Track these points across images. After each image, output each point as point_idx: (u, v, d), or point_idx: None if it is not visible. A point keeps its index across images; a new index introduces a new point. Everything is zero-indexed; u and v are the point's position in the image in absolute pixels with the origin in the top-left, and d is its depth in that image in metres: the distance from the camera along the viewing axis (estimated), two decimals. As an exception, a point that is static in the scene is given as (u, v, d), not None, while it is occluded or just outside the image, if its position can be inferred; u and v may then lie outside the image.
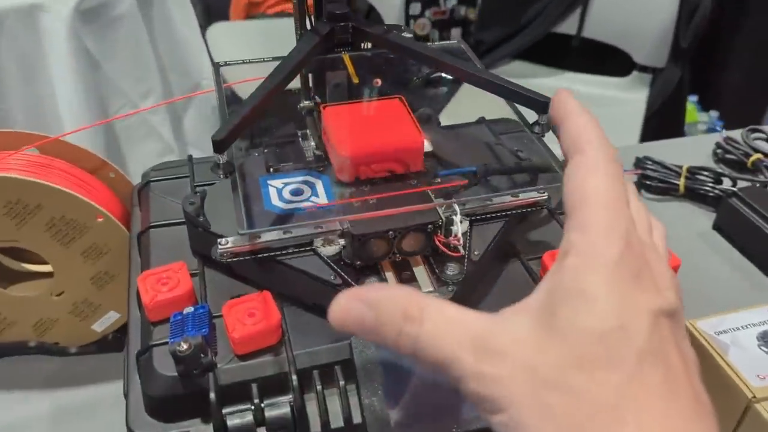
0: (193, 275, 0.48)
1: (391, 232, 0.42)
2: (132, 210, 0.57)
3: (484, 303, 0.46)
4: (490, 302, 0.46)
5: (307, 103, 0.58)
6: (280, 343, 0.43)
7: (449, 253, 0.43)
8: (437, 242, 0.43)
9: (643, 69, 1.60)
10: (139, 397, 0.42)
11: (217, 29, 1.88)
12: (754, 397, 0.53)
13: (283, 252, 0.45)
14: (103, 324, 0.61)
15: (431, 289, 0.43)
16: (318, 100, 0.58)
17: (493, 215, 0.48)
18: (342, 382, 0.42)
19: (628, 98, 1.61)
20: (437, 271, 0.44)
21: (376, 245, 0.42)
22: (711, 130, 1.78)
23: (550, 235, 0.52)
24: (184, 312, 0.43)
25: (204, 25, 1.80)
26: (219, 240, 0.44)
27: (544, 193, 0.47)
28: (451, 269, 0.44)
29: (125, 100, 1.27)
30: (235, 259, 0.44)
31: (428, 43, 0.57)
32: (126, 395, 0.43)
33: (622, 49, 1.60)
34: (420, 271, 0.45)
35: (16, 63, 1.10)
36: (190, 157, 0.59)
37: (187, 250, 0.50)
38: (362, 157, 0.44)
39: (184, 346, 0.39)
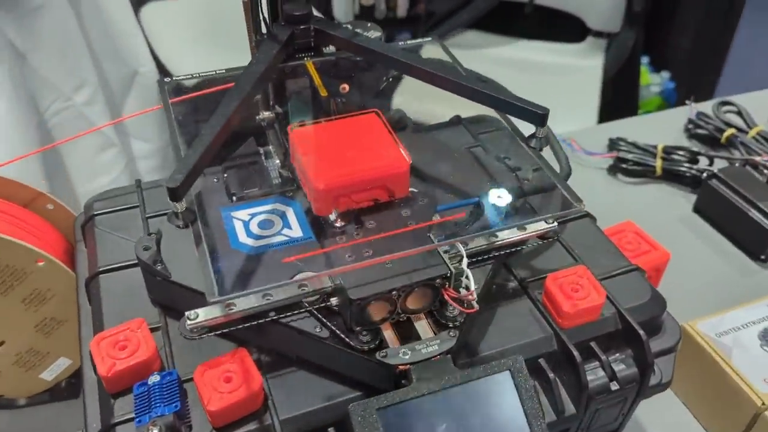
0: (154, 330, 0.42)
1: (394, 292, 0.37)
2: (76, 246, 0.51)
3: (488, 337, 0.42)
4: (494, 335, 0.42)
5: (266, 114, 0.52)
6: (263, 407, 0.38)
7: (462, 309, 0.38)
8: (447, 298, 0.38)
9: (598, 34, 1.57)
10: (104, 485, 0.37)
11: (151, 9, 1.76)
12: (764, 404, 0.50)
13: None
14: (54, 372, 0.55)
15: (432, 335, 0.39)
16: (279, 110, 0.52)
17: (498, 252, 0.43)
18: (339, 446, 0.37)
19: (584, 65, 1.58)
20: (435, 313, 0.39)
21: (377, 309, 0.37)
22: (665, 92, 1.77)
23: (548, 254, 0.47)
24: (149, 382, 0.37)
25: (137, 7, 1.68)
26: (187, 314, 0.37)
27: (552, 222, 0.42)
28: (451, 310, 0.39)
29: (57, 94, 1.17)
30: (210, 334, 0.38)
31: (399, 43, 0.52)
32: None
33: (575, 15, 1.56)
34: (419, 316, 0.40)
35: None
36: (138, 182, 0.52)
37: (146, 298, 0.44)
38: (341, 188, 0.39)
39: (155, 431, 0.34)
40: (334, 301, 0.38)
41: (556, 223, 0.42)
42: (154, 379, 0.37)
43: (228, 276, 0.37)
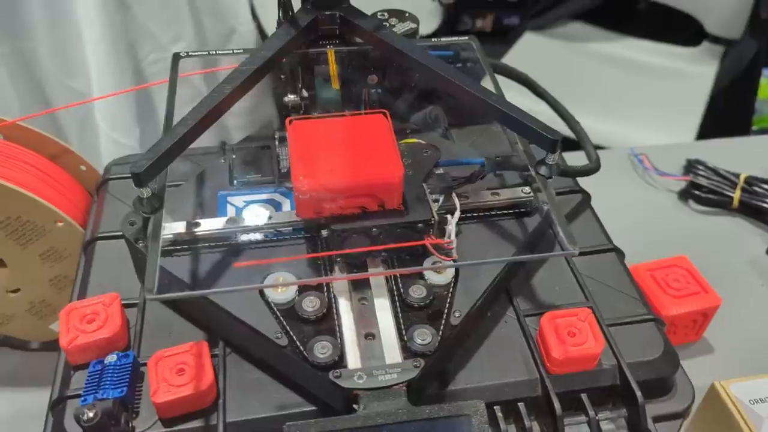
0: (131, 306, 0.41)
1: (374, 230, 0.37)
2: (91, 210, 0.51)
3: (467, 370, 0.38)
4: (475, 369, 0.39)
5: (292, 98, 0.50)
6: (213, 406, 0.36)
7: (440, 257, 0.38)
8: (428, 244, 0.38)
9: (715, 40, 1.44)
10: (50, 455, 0.37)
11: (257, -30, 1.78)
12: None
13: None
14: (62, 325, 0.56)
15: (399, 360, 0.36)
16: (305, 95, 0.50)
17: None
18: (280, 460, 0.35)
19: (695, 71, 1.45)
20: (405, 337, 0.37)
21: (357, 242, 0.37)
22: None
23: (558, 287, 0.43)
24: (105, 361, 0.37)
25: (242, -35, 1.69)
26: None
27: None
28: (421, 337, 0.36)
29: (155, 44, 1.21)
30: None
31: (434, 39, 0.48)
32: (39, 448, 0.38)
33: (693, 16, 1.44)
34: (388, 334, 0.37)
35: (42, 1, 1.04)
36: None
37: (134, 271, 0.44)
38: (324, 191, 0.36)
39: (89, 414, 0.33)
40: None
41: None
42: (111, 359, 0.37)
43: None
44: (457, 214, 0.40)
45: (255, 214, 0.41)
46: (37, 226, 0.50)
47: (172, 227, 0.39)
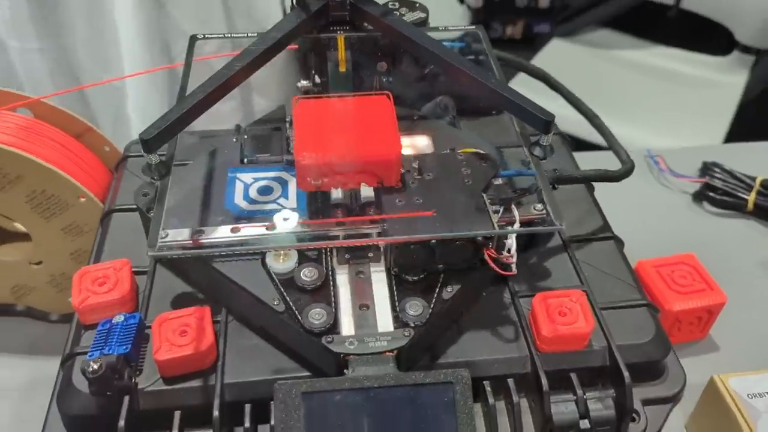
0: (141, 273, 0.43)
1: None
2: (110, 187, 0.53)
3: (459, 345, 0.40)
4: (467, 343, 0.40)
5: (305, 83, 0.52)
6: (212, 367, 0.38)
7: (499, 271, 0.39)
8: (487, 257, 0.38)
9: (746, 49, 1.42)
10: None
11: (290, -27, 1.81)
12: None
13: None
14: (81, 298, 0.59)
15: (390, 329, 0.37)
16: (318, 80, 0.52)
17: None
18: (273, 422, 0.36)
19: (724, 80, 1.44)
20: (397, 307, 0.38)
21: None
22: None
23: (555, 271, 0.44)
24: (113, 321, 0.39)
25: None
26: (160, 232, 0.38)
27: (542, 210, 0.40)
28: (414, 308, 0.38)
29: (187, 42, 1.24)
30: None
31: (441, 27, 0.50)
32: (49, 402, 0.40)
33: (723, 25, 1.43)
34: (382, 305, 0.38)
35: (81, -2, 1.08)
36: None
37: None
38: (322, 166, 0.38)
39: (94, 366, 0.35)
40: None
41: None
42: (118, 319, 0.39)
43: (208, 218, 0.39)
44: (517, 225, 0.40)
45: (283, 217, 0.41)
46: (60, 201, 0.53)
47: (176, 234, 0.40)
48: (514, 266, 0.39)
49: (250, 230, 0.39)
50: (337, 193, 0.40)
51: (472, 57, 0.53)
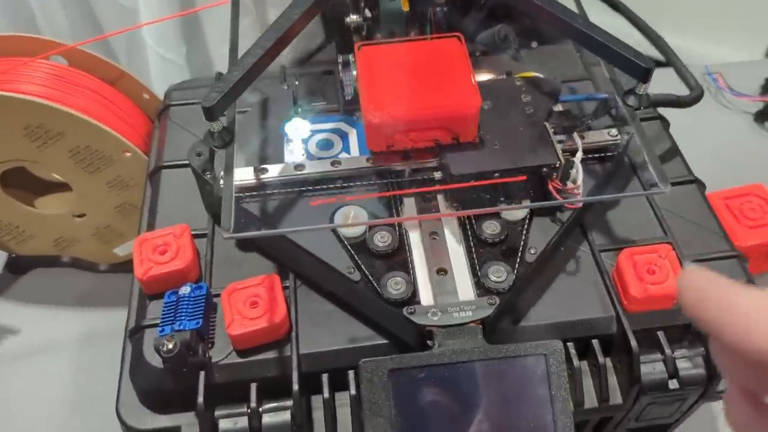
0: (200, 236, 0.41)
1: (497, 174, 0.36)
2: (152, 137, 0.51)
3: (540, 306, 0.38)
4: (548, 305, 0.38)
5: (354, 18, 0.47)
6: (286, 338, 0.37)
7: (567, 205, 0.38)
8: (552, 189, 0.37)
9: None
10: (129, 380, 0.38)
11: None
12: None
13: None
14: (126, 249, 0.57)
15: (471, 297, 0.35)
16: (368, 14, 0.48)
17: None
18: (354, 392, 0.35)
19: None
20: (478, 272, 0.36)
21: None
22: None
23: (635, 221, 0.41)
24: (180, 293, 0.37)
25: None
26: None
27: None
28: (496, 274, 0.35)
29: None
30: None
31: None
32: (120, 373, 0.39)
33: None
34: (461, 270, 0.36)
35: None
36: (218, 75, 0.51)
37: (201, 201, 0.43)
38: (395, 124, 0.35)
39: (169, 346, 0.34)
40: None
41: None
42: (185, 290, 0.37)
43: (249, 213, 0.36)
44: (579, 155, 0.38)
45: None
46: (105, 156, 0.51)
47: (240, 174, 0.38)
48: (580, 195, 0.37)
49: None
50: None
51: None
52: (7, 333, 0.58)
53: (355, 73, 0.45)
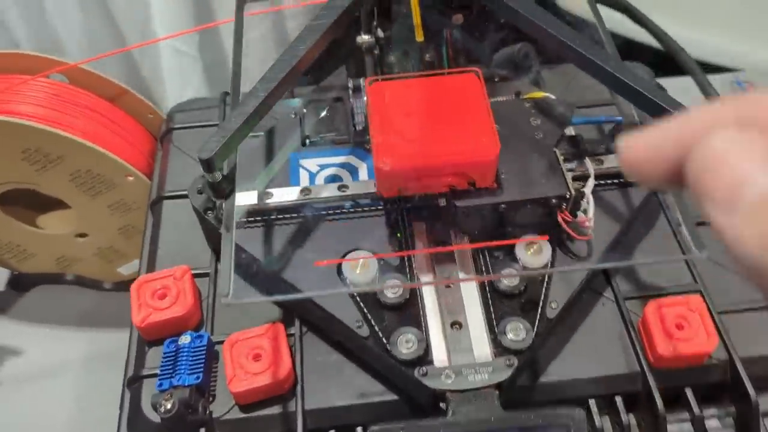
0: (202, 276, 0.39)
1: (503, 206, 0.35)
2: (155, 160, 0.48)
3: (559, 360, 0.35)
4: (568, 360, 0.35)
5: (366, 38, 0.45)
6: (291, 392, 0.35)
7: (576, 236, 0.35)
8: (561, 221, 0.34)
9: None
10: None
11: None
12: None
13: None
14: (130, 269, 0.55)
15: (488, 357, 0.33)
16: (381, 34, 0.45)
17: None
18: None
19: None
20: (496, 330, 0.34)
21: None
22: None
23: (663, 267, 0.39)
24: (180, 342, 0.35)
25: None
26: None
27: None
28: (515, 332, 0.33)
29: None
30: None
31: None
32: (118, 423, 0.37)
33: None
34: (476, 324, 0.34)
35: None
36: (223, 96, 0.48)
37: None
38: (408, 171, 0.33)
39: (168, 406, 0.32)
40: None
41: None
42: (185, 340, 0.35)
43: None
44: (591, 182, 0.36)
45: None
46: (106, 180, 0.49)
47: (244, 198, 0.36)
48: (591, 231, 0.35)
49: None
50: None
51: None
52: (9, 354, 0.57)
53: (365, 98, 0.42)
